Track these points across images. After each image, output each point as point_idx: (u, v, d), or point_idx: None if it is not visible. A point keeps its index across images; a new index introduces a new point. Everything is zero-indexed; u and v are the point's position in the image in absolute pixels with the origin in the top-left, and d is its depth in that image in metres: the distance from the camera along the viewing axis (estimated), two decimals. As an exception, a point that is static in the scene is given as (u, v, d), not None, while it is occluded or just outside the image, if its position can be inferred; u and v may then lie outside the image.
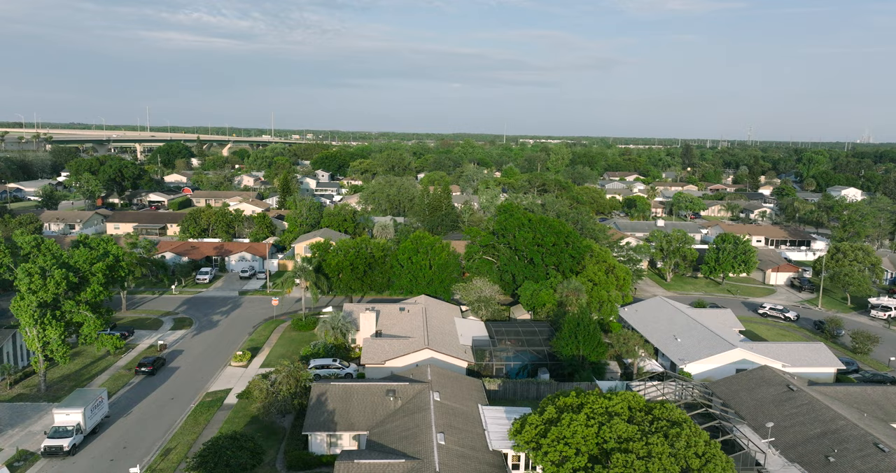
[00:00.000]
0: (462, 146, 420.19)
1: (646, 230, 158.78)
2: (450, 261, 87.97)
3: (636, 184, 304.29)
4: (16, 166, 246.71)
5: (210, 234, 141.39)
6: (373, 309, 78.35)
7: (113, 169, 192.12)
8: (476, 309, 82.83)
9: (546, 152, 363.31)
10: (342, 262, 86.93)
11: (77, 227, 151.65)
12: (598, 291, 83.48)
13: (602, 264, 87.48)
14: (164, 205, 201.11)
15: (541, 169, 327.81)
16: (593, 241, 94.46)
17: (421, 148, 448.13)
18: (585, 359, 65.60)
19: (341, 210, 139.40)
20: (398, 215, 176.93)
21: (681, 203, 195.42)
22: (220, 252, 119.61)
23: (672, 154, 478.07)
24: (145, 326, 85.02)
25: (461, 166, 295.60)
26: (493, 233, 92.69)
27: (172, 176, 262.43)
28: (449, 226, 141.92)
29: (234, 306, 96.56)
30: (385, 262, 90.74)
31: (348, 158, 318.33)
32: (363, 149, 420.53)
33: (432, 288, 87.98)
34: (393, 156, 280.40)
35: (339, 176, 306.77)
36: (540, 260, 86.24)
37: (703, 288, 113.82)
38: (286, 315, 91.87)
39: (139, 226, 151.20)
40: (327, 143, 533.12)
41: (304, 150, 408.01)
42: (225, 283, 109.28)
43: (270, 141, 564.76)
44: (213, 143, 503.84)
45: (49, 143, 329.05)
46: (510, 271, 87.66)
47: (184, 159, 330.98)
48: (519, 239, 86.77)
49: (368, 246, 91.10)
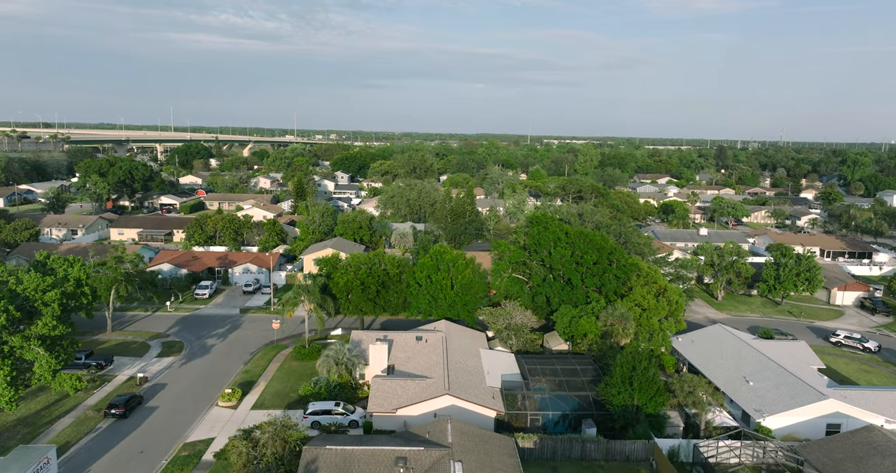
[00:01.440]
0: (486, 147, 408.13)
1: (687, 239, 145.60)
2: (475, 281, 76.59)
3: (669, 187, 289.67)
4: (29, 167, 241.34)
5: (217, 242, 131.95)
6: (385, 339, 67.34)
7: (123, 170, 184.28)
8: (505, 338, 71.34)
9: (573, 153, 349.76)
10: (351, 281, 76.09)
11: (80, 233, 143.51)
12: (646, 318, 71.47)
13: (651, 286, 75.36)
14: (176, 208, 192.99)
15: (568, 170, 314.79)
16: (639, 258, 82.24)
17: (444, 148, 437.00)
18: (640, 410, 53.78)
19: (356, 216, 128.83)
20: (419, 221, 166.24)
21: (723, 209, 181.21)
22: (224, 263, 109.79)
23: (704, 155, 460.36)
24: (129, 352, 75.08)
25: (485, 168, 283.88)
26: (524, 247, 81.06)
27: (187, 177, 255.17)
28: (473, 235, 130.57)
29: (232, 327, 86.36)
30: (401, 280, 79.71)
31: (369, 159, 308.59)
32: (385, 150, 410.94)
33: (454, 312, 76.70)
34: (415, 157, 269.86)
35: (360, 177, 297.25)
36: (579, 281, 74.38)
37: (759, 309, 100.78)
38: (289, 339, 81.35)
39: (144, 231, 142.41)
40: (349, 144, 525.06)
41: (324, 151, 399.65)
42: (226, 299, 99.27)
43: (292, 141, 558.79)
44: (234, 144, 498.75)
45: (67, 144, 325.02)
46: (544, 293, 75.95)
47: (202, 160, 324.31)
48: (555, 256, 75.00)
49: (382, 263, 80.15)
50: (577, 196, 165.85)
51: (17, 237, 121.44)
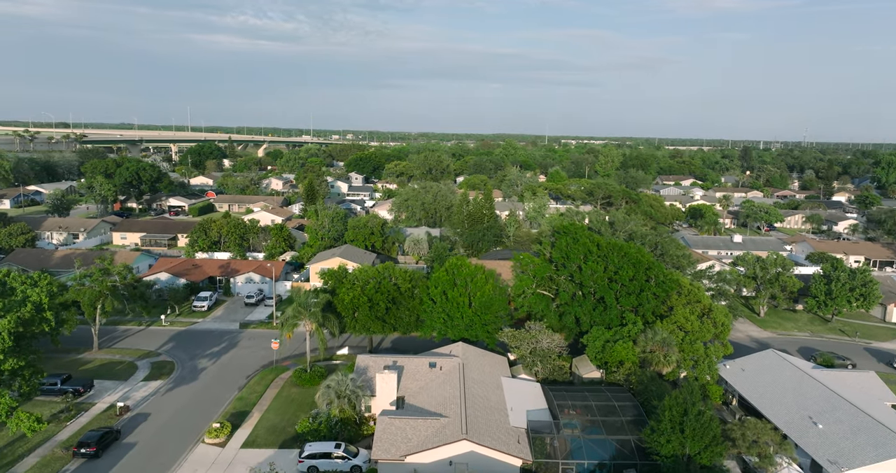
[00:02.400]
0: (503, 147, 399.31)
1: (720, 247, 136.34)
2: (495, 299, 68.57)
3: (693, 189, 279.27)
4: (39, 167, 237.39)
5: (222, 248, 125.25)
6: (394, 366, 59.67)
7: (130, 171, 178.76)
8: (529, 364, 63.30)
9: (594, 154, 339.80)
10: (358, 298, 68.46)
11: (81, 237, 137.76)
12: (689, 342, 63.07)
13: (695, 305, 66.87)
14: (185, 211, 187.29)
15: (588, 172, 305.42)
16: (679, 273, 73.67)
17: (460, 149, 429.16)
18: (693, 460, 45.51)
19: (368, 222, 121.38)
20: (434, 225, 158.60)
21: (756, 213, 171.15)
22: (226, 271, 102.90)
23: (728, 156, 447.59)
24: (113, 374, 68.12)
25: (503, 169, 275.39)
26: (550, 260, 72.91)
27: (198, 178, 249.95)
28: (491, 242, 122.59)
29: (230, 344, 79.22)
30: (413, 296, 71.98)
31: (384, 160, 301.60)
32: (400, 150, 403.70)
33: (472, 332, 68.78)
34: (430, 157, 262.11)
35: (374, 178, 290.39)
36: (613, 300, 66.08)
37: (806, 327, 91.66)
38: (290, 359, 73.98)
39: (147, 236, 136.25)
40: (364, 144, 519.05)
41: (339, 151, 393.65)
42: (226, 311, 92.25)
43: (308, 141, 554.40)
44: (249, 144, 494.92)
45: (80, 143, 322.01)
46: (573, 312, 67.75)
47: (215, 160, 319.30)
48: (586, 272, 66.77)
49: (392, 277, 72.45)
50: (605, 201, 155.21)
51: (13, 242, 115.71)
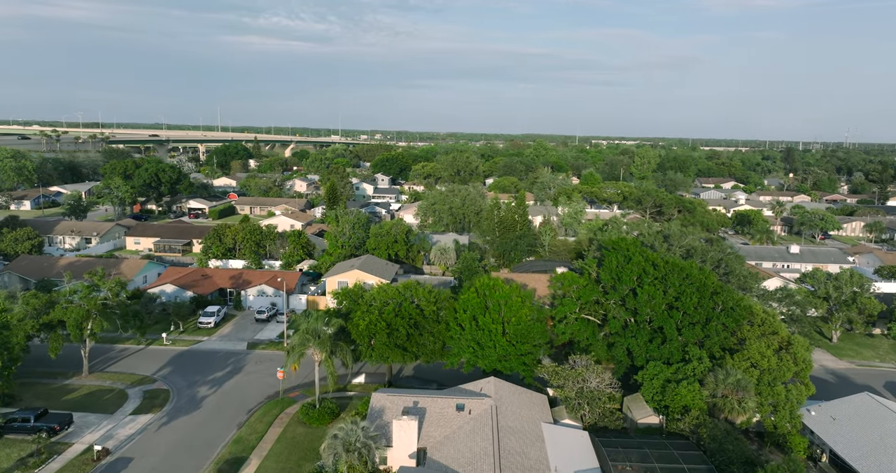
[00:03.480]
0: (534, 147, 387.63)
1: (776, 258, 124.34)
2: (534, 327, 59.04)
3: (735, 192, 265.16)
4: (63, 167, 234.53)
5: (237, 255, 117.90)
6: (415, 408, 50.58)
7: (149, 173, 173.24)
8: (574, 408, 53.65)
9: (629, 155, 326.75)
10: (375, 323, 59.53)
11: (94, 242, 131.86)
12: (767, 383, 52.77)
13: (770, 338, 56.44)
14: (205, 213, 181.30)
15: (623, 174, 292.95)
16: (749, 298, 63.15)
17: (489, 149, 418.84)
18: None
19: (391, 228, 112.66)
20: (462, 231, 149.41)
21: (811, 220, 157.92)
22: (237, 283, 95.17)
23: (769, 157, 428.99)
24: (98, 406, 60.38)
25: (534, 171, 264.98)
26: (597, 280, 63.10)
27: (221, 179, 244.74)
28: (524, 251, 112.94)
29: (234, 368, 71.08)
30: (438, 320, 62.86)
31: (411, 161, 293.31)
32: (428, 151, 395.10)
33: (506, 364, 59.41)
34: (459, 158, 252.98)
35: (401, 180, 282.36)
36: (674, 331, 56.02)
37: (890, 356, 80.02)
38: (298, 389, 65.48)
39: (161, 241, 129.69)
40: (392, 144, 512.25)
41: (366, 152, 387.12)
42: (234, 329, 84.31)
43: (336, 141, 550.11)
44: (276, 144, 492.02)
45: (106, 144, 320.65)
46: (625, 344, 57.90)
47: (240, 161, 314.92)
48: (641, 297, 56.85)
49: (415, 297, 63.38)
50: (656, 210, 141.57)
51: (18, 248, 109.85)
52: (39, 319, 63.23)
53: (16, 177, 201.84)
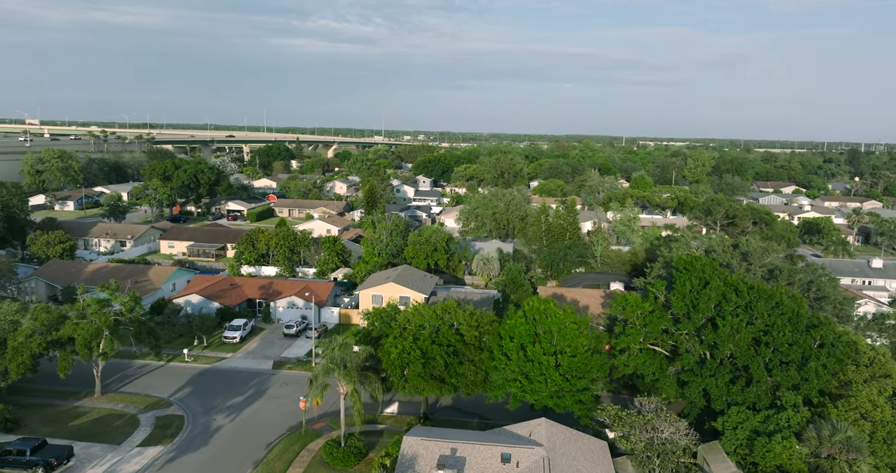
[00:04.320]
0: (580, 148, 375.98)
1: (855, 273, 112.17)
2: (592, 361, 50.89)
3: (797, 197, 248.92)
4: (108, 168, 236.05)
5: (270, 261, 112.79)
6: (452, 457, 43.13)
7: (188, 174, 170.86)
8: (643, 462, 45.26)
9: (681, 157, 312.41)
10: (409, 351, 52.31)
11: (128, 245, 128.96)
12: (880, 437, 43.39)
13: (883, 382, 46.88)
14: (243, 215, 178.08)
15: (675, 177, 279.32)
16: (850, 330, 53.41)
17: (533, 150, 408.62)
18: None
19: (431, 236, 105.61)
20: (506, 237, 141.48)
21: (892, 230, 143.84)
22: (267, 293, 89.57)
23: (832, 160, 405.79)
24: (105, 435, 54.90)
25: (581, 173, 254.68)
26: (666, 305, 54.50)
27: (262, 181, 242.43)
28: (574, 262, 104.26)
29: (257, 391, 65.00)
30: (480, 346, 55.27)
31: (453, 162, 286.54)
32: (471, 152, 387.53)
33: (560, 403, 51.41)
34: (503, 160, 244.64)
35: (443, 182, 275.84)
36: (762, 371, 47.04)
37: None
38: (324, 419, 58.83)
39: (194, 245, 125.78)
40: (434, 145, 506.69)
41: (408, 153, 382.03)
42: (261, 344, 78.47)
43: (379, 142, 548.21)
44: (319, 144, 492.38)
45: (152, 144, 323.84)
46: (700, 383, 49.19)
47: (282, 161, 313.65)
48: (723, 330, 48.03)
49: (454, 321, 55.92)
50: (728, 222, 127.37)
51: (50, 252, 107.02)
52: (49, 335, 58.34)
53: (62, 178, 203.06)
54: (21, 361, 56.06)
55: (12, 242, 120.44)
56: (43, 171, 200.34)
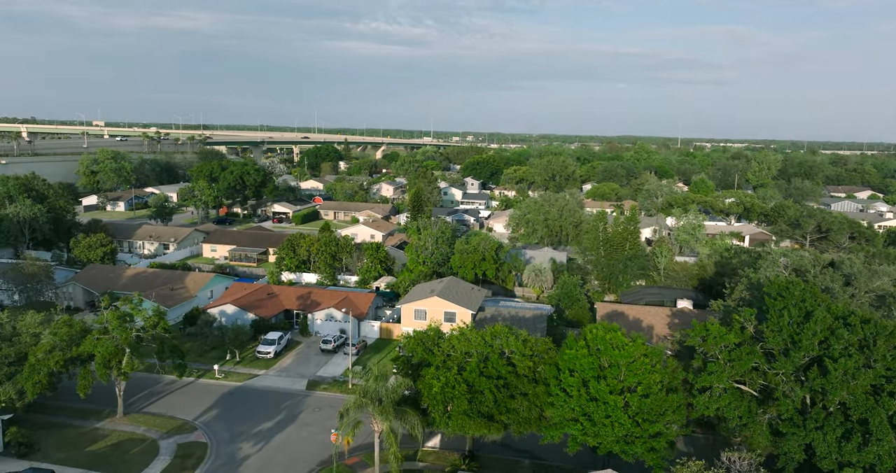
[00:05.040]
0: (635, 150, 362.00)
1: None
2: (667, 401, 43.34)
3: (874, 203, 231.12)
4: (160, 168, 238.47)
5: (311, 268, 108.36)
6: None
7: (234, 175, 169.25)
8: (734, 533, 37.52)
9: (744, 160, 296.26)
10: (452, 384, 45.83)
11: (171, 248, 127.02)
12: None
13: None
14: (288, 218, 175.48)
15: (738, 181, 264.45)
16: None
17: (585, 152, 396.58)
18: None
19: (479, 244, 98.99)
20: (559, 244, 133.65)
21: None
22: (305, 303, 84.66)
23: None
24: (121, 465, 50.34)
25: (637, 176, 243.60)
26: (755, 337, 46.34)
27: (309, 182, 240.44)
28: (635, 274, 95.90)
29: (288, 416, 59.74)
30: (535, 378, 48.33)
31: (502, 164, 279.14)
32: (520, 154, 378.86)
33: (628, 450, 44.00)
34: (554, 162, 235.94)
35: (492, 184, 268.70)
36: (886, 427, 38.53)
37: None
38: (358, 453, 52.87)
39: (236, 249, 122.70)
40: (484, 146, 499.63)
41: (457, 154, 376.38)
42: (296, 360, 73.42)
43: (427, 143, 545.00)
44: (367, 145, 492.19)
45: (204, 145, 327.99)
46: (802, 436, 40.98)
47: (330, 162, 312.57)
48: (834, 374, 39.74)
49: (505, 349, 49.16)
50: (820, 236, 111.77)
51: (91, 255, 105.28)
52: (69, 351, 54.45)
53: (115, 178, 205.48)
54: (37, 380, 52.23)
55: (58, 244, 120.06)
56: (97, 172, 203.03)
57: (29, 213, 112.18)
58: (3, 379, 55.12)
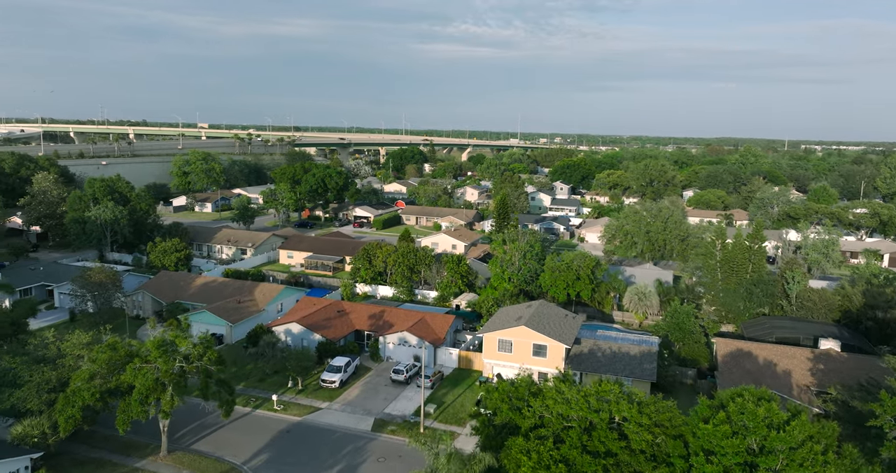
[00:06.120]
0: (740, 153, 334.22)
1: None
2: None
3: None
4: (248, 170, 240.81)
5: (388, 281, 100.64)
6: None
7: (316, 178, 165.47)
8: None
9: (870, 164, 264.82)
10: (547, 463, 35.30)
11: (248, 253, 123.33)
12: None
13: None
14: (369, 222, 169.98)
15: (865, 189, 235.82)
16: None
17: (683, 155, 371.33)
18: None
19: (572, 262, 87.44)
20: (661, 259, 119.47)
21: None
22: (378, 324, 76.43)
23: None
24: (154, 522, 43.44)
25: (745, 182, 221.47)
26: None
27: (392, 185, 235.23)
28: (761, 301, 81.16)
29: (348, 467, 51.14)
30: (655, 454, 37.00)
31: (594, 167, 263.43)
32: (612, 156, 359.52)
33: None
34: (652, 167, 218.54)
35: (582, 189, 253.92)
36: None
37: None
38: (427, 527, 43.39)
39: (312, 256, 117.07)
40: (572, 148, 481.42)
41: (544, 156, 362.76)
42: (363, 391, 65.06)
43: (514, 145, 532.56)
44: (453, 147, 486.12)
45: (293, 146, 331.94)
46: None
47: (414, 165, 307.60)
48: None
49: (616, 416, 38.08)
50: None
51: (165, 260, 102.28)
52: (109, 381, 48.34)
53: (205, 179, 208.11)
54: (70, 414, 46.30)
55: (139, 246, 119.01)
56: (189, 173, 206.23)
57: (110, 216, 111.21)
58: (43, 407, 49.90)
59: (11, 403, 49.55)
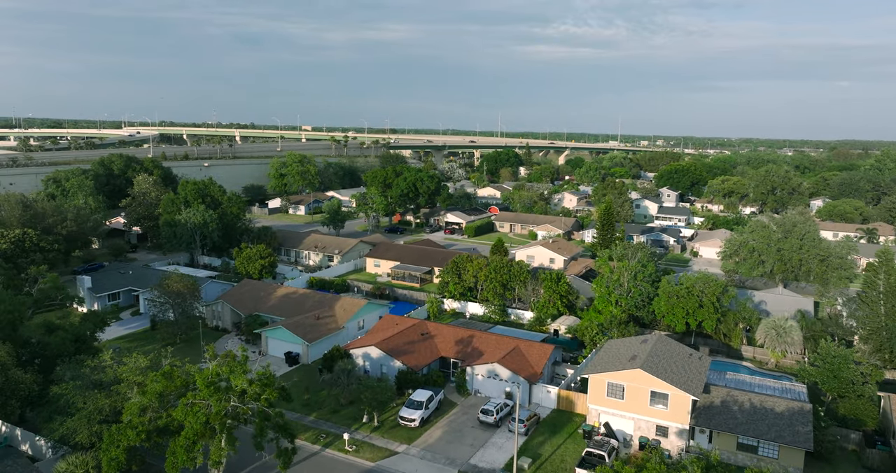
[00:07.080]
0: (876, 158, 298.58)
1: None
2: None
3: None
4: (343, 172, 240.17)
5: (479, 297, 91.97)
6: None
7: (407, 182, 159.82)
8: None
9: None
10: None
11: (336, 260, 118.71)
12: None
13: None
14: (461, 229, 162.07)
15: None
16: None
17: (804, 160, 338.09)
18: None
19: (693, 286, 74.78)
20: (793, 281, 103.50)
21: None
22: (465, 351, 67.78)
23: None
24: None
25: (888, 192, 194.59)
26: None
27: (486, 189, 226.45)
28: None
29: (424, 533, 42.68)
30: None
31: (704, 173, 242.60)
32: (724, 160, 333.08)
33: None
34: (774, 173, 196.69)
35: (691, 196, 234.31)
36: None
37: None
38: None
39: (399, 266, 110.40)
40: (677, 151, 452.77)
41: (648, 160, 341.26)
42: (447, 433, 56.50)
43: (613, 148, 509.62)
44: (550, 150, 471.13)
45: (388, 148, 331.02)
46: None
47: (510, 168, 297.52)
48: None
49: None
50: None
51: (249, 267, 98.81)
52: (161, 417, 42.60)
53: (301, 181, 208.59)
54: (114, 455, 40.76)
55: (228, 251, 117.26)
56: (285, 175, 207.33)
57: (200, 219, 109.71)
58: (94, 440, 45.05)
59: (61, 433, 45.04)
